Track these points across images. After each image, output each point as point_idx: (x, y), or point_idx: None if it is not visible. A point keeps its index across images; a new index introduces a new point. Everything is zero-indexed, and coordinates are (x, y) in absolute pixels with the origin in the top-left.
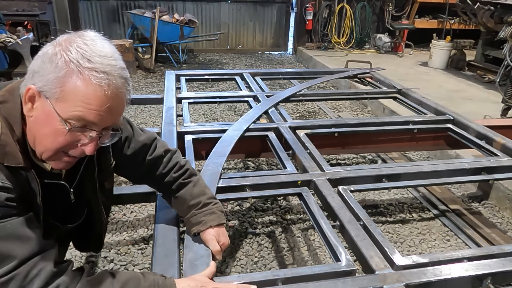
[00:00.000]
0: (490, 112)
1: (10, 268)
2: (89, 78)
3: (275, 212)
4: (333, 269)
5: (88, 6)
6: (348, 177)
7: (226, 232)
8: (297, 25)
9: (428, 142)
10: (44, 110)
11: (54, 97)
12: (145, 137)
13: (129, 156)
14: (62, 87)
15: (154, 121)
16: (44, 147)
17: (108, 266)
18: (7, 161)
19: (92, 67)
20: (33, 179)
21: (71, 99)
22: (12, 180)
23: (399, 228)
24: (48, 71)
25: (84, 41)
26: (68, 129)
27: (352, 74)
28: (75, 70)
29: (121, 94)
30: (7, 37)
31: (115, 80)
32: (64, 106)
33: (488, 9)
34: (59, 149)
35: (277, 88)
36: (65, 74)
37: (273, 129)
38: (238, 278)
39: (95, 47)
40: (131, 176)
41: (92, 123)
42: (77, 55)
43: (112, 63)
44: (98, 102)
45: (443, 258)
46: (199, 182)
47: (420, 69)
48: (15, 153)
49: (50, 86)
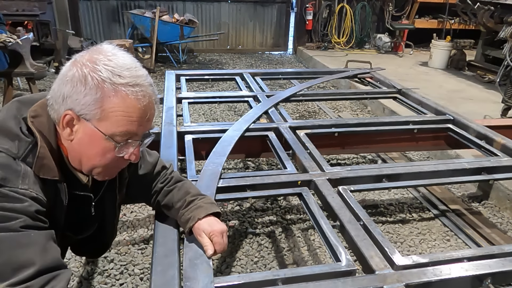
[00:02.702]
0: (490, 112)
1: (27, 277)
2: (126, 94)
3: (275, 212)
4: (333, 269)
5: (88, 6)
6: (348, 177)
7: (218, 220)
8: (297, 25)
9: (428, 142)
10: (86, 132)
11: (96, 118)
12: (153, 159)
13: (141, 176)
14: (102, 107)
15: (154, 121)
16: (93, 165)
17: (108, 266)
18: (43, 174)
19: (125, 82)
20: (63, 191)
21: (113, 116)
22: (44, 192)
23: (399, 228)
24: (83, 95)
25: (107, 57)
26: (115, 145)
27: (352, 74)
28: (110, 88)
29: (153, 101)
30: (7, 37)
31: (148, 90)
32: (107, 124)
33: (488, 9)
34: (110, 165)
35: (277, 88)
36: (102, 94)
37: (273, 129)
38: (238, 278)
39: (119, 61)
40: (134, 195)
41: (135, 134)
42: (107, 73)
43: (140, 74)
44: (139, 115)
45: (443, 258)
46: (184, 186)
47: (420, 69)
48: (52, 166)
49: (89, 108)
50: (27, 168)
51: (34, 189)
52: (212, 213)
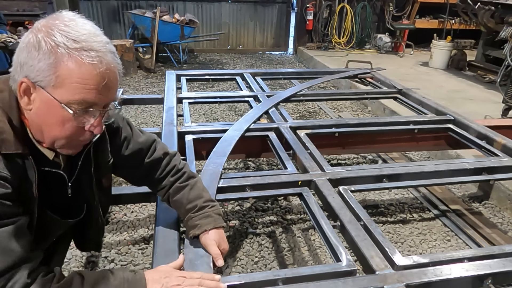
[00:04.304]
0: (490, 112)
1: None
2: (80, 59)
3: (276, 212)
4: (333, 269)
5: (88, 6)
6: (349, 177)
7: (225, 237)
8: (297, 25)
9: (428, 142)
10: (43, 100)
11: (50, 85)
12: (144, 139)
13: (126, 157)
14: (56, 73)
15: (154, 121)
16: (55, 137)
17: (108, 266)
18: (4, 148)
19: (80, 47)
20: (30, 166)
21: (67, 83)
22: (9, 168)
23: (400, 228)
24: (37, 60)
25: (64, 23)
26: (73, 114)
27: (353, 74)
28: (64, 53)
29: (114, 69)
30: (8, 37)
31: (105, 56)
32: (62, 92)
33: (489, 9)
34: (70, 136)
35: (278, 88)
36: (56, 59)
37: (274, 129)
38: (239, 278)
39: (77, 27)
40: (129, 178)
41: (94, 103)
42: (62, 38)
43: (98, 39)
44: (95, 81)
45: (443, 258)
46: (196, 185)
47: (420, 69)
48: (12, 140)
49: (43, 74)
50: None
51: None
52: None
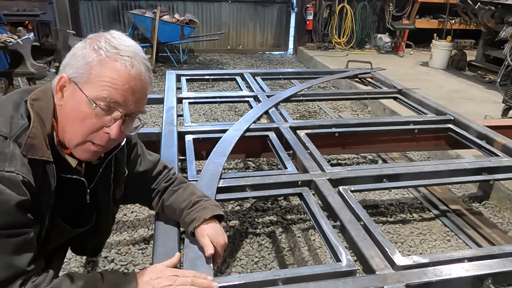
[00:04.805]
0: (490, 112)
1: None
2: (115, 60)
3: (276, 212)
4: (333, 269)
5: (88, 6)
6: (349, 177)
7: (223, 230)
8: (297, 25)
9: (428, 142)
10: (73, 94)
11: (83, 80)
12: (153, 158)
13: (139, 173)
14: (91, 70)
15: (154, 121)
16: (73, 133)
17: (108, 266)
18: (31, 154)
19: (117, 52)
20: (51, 173)
21: (98, 80)
22: (32, 175)
23: (400, 228)
24: (77, 60)
25: (111, 36)
26: (95, 108)
27: (353, 74)
28: (103, 55)
29: (143, 78)
30: (8, 37)
31: (138, 64)
32: (91, 87)
33: (489, 9)
34: (87, 134)
35: (278, 88)
36: (94, 60)
37: (274, 129)
38: (239, 278)
39: (122, 41)
40: (131, 194)
41: (117, 102)
42: (105, 44)
43: (137, 51)
44: (122, 81)
45: (443, 258)
46: (189, 187)
47: (420, 69)
48: (41, 146)
49: (79, 71)
50: (16, 150)
51: (22, 172)
52: (216, 216)
